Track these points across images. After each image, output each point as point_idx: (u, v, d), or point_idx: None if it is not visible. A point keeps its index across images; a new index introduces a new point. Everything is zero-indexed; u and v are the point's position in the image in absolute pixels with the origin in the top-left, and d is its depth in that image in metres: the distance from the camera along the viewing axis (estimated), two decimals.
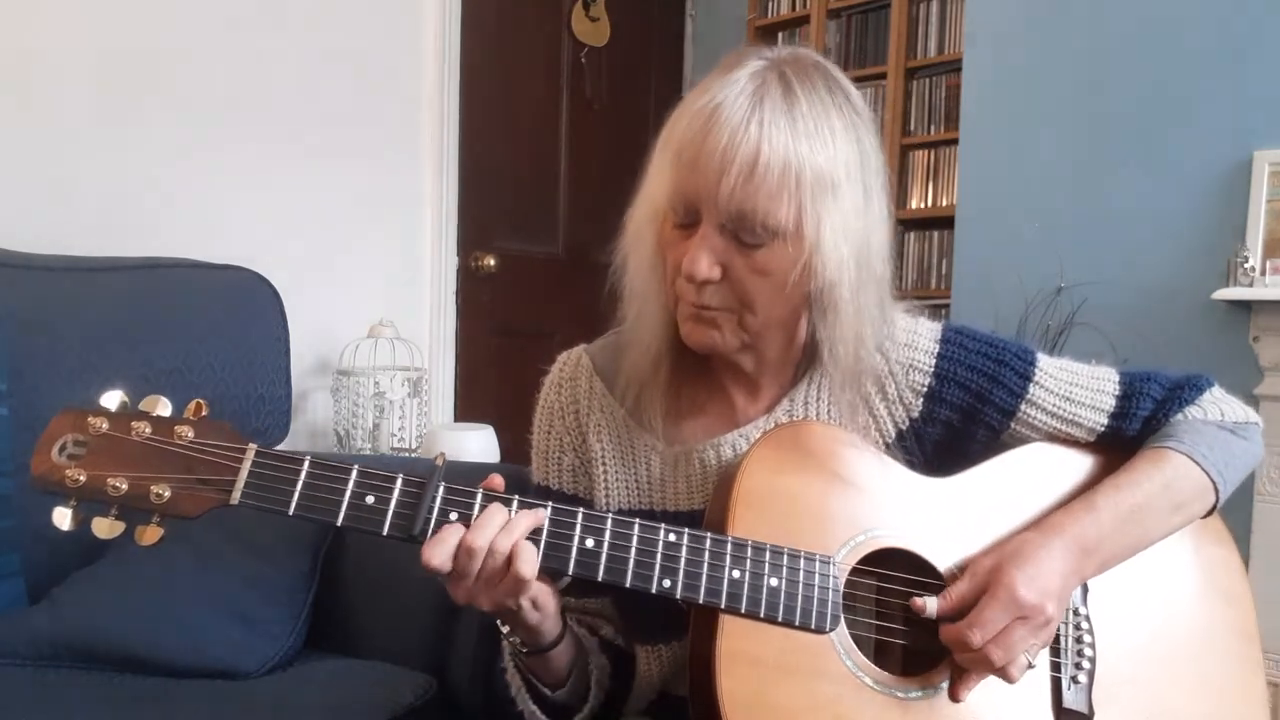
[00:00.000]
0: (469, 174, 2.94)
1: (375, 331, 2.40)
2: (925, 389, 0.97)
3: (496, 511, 0.79)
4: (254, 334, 1.76)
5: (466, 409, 2.97)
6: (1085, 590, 0.95)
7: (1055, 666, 0.92)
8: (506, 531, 0.78)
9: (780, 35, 3.86)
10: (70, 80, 2.01)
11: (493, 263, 3.03)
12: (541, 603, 0.84)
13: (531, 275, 3.22)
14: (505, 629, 0.88)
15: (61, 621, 1.37)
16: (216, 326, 1.71)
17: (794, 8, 3.78)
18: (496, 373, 3.08)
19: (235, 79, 2.29)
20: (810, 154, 0.83)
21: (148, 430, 0.75)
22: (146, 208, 2.14)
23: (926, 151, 3.56)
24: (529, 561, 0.78)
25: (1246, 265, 2.43)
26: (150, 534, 0.75)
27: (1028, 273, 2.79)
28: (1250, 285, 2.44)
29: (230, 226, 2.26)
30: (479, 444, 2.24)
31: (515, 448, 1.00)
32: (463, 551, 0.77)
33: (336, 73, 2.51)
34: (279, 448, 1.81)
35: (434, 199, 2.83)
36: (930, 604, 0.87)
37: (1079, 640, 0.93)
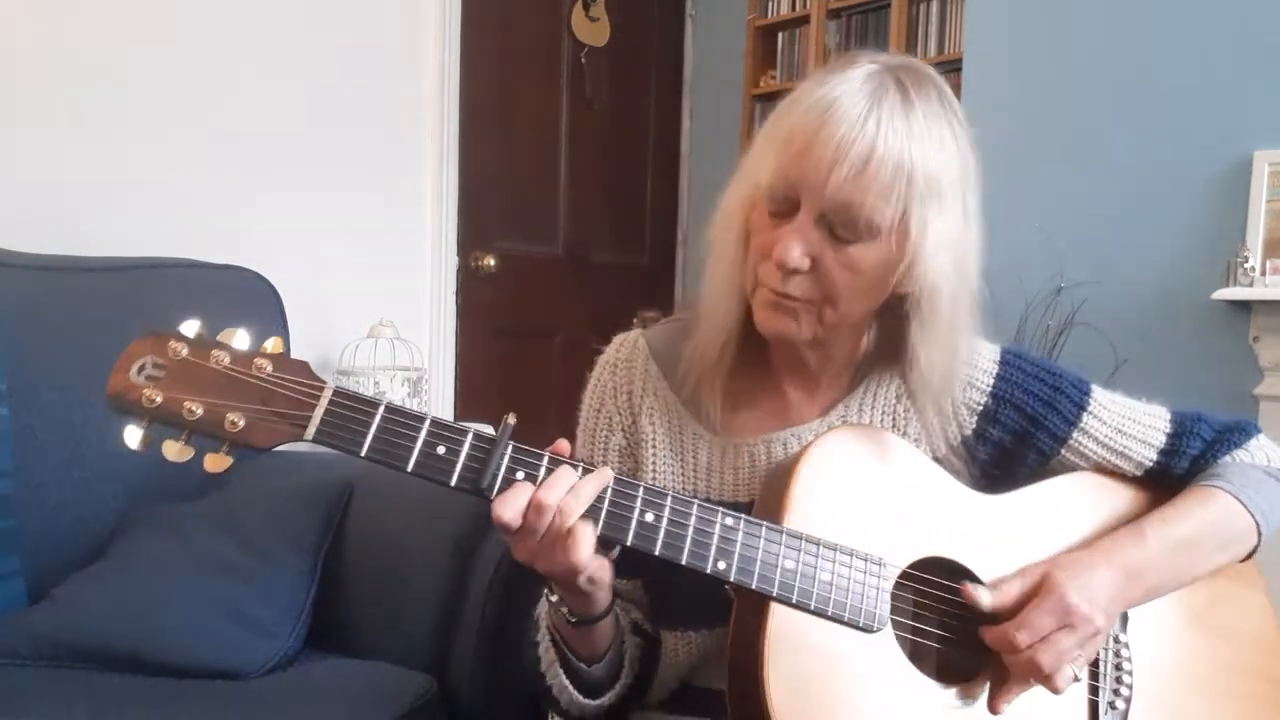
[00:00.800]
0: (469, 174, 2.94)
1: (375, 331, 2.40)
2: (981, 408, 0.99)
3: (565, 473, 0.79)
4: (254, 334, 1.76)
5: (466, 409, 2.97)
6: (1125, 619, 0.96)
7: (1094, 690, 0.93)
8: (573, 494, 0.78)
9: (780, 35, 3.85)
10: (71, 81, 2.01)
11: (493, 263, 3.03)
12: (597, 575, 0.83)
13: (531, 275, 3.22)
14: (554, 598, 0.88)
15: (61, 621, 1.37)
16: (216, 327, 1.70)
17: (794, 8, 3.78)
18: (496, 373, 3.08)
19: (235, 79, 2.29)
20: (923, 158, 0.84)
21: (226, 360, 0.75)
22: (146, 208, 2.14)
23: None
24: (585, 538, 0.79)
25: (1246, 265, 2.43)
26: (219, 461, 0.75)
27: (1028, 273, 2.79)
28: (1250, 285, 2.44)
29: (230, 226, 2.26)
30: None
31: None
32: (532, 509, 0.78)
33: (336, 72, 2.51)
34: (280, 448, 1.82)
35: (434, 199, 2.83)
36: (984, 595, 0.87)
37: (1118, 667, 0.94)
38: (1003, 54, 2.99)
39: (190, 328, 0.76)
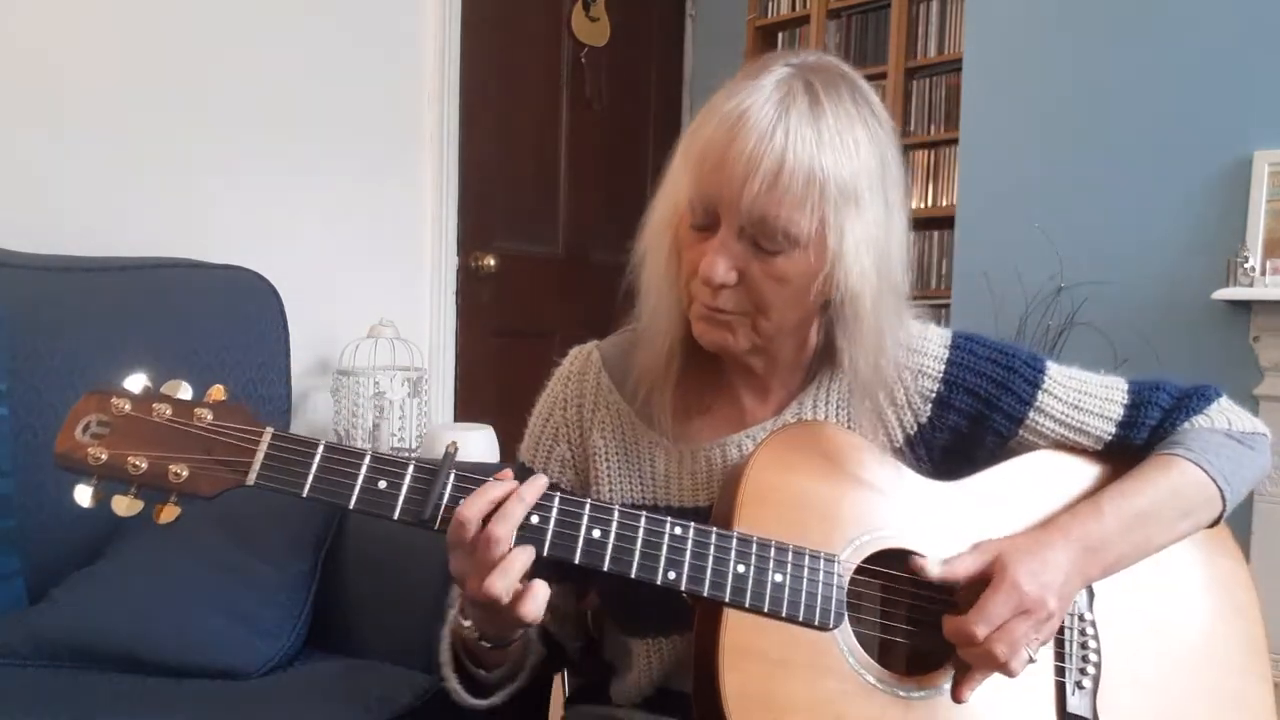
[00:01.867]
0: (469, 174, 2.94)
1: (375, 331, 2.40)
2: (934, 395, 0.98)
3: (489, 488, 0.80)
4: (254, 334, 1.76)
5: (466, 409, 2.97)
6: (1091, 595, 0.95)
7: (1060, 671, 0.92)
8: (516, 497, 0.79)
9: (780, 35, 3.86)
10: (71, 81, 2.01)
11: (493, 263, 3.03)
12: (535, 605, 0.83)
13: (531, 275, 3.22)
14: (467, 623, 0.88)
15: (61, 621, 1.37)
16: (216, 327, 1.71)
17: (794, 8, 3.78)
18: (496, 373, 3.08)
19: (235, 79, 2.29)
20: (834, 166, 0.83)
21: (168, 412, 0.77)
22: (147, 208, 2.14)
23: (926, 151, 3.56)
24: (534, 597, 0.79)
25: (1246, 265, 2.44)
26: (168, 512, 0.78)
27: (1028, 273, 2.79)
28: (1250, 285, 2.44)
29: (230, 226, 2.26)
30: (479, 444, 2.25)
31: (515, 448, 1.00)
32: (456, 523, 0.78)
33: (336, 72, 2.51)
34: None
35: (434, 199, 2.83)
36: (933, 566, 0.87)
37: (1084, 645, 0.93)
38: (1003, 54, 2.99)
39: (135, 382, 0.78)
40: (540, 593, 0.80)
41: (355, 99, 2.57)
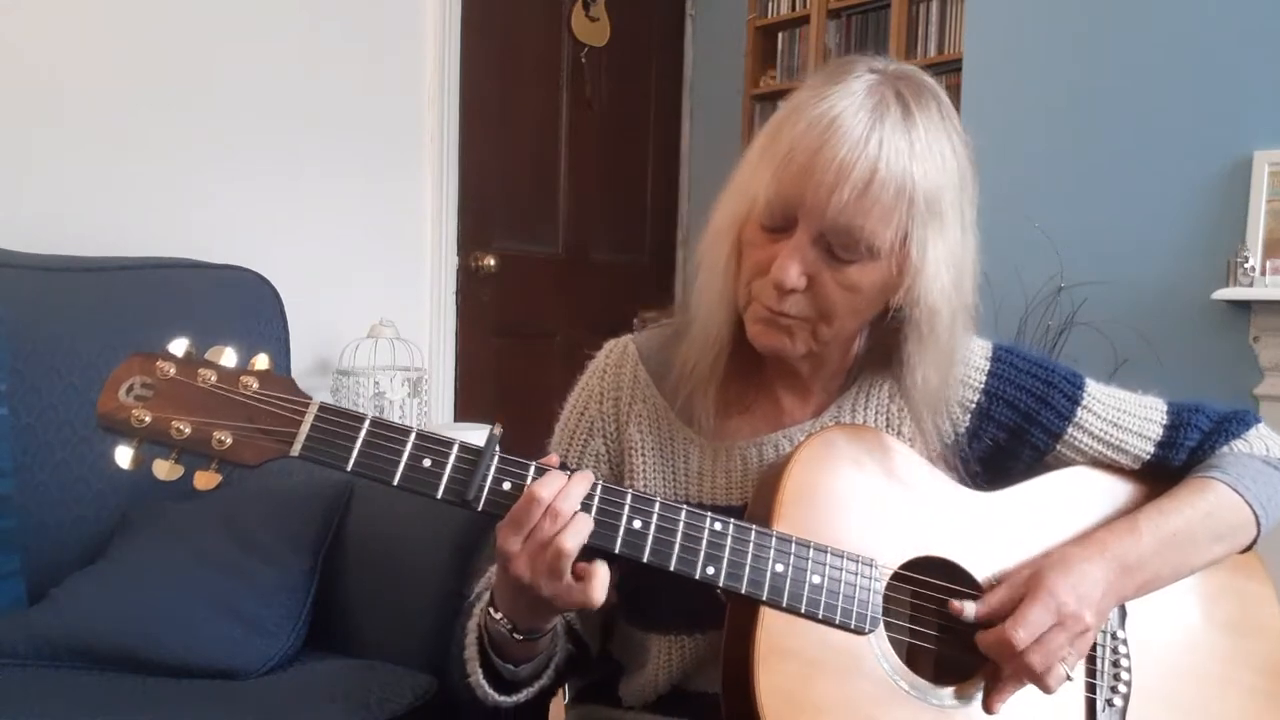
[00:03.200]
0: (469, 174, 2.94)
1: (375, 331, 2.40)
2: (974, 406, 0.98)
3: (555, 475, 0.79)
4: (254, 334, 1.76)
5: (466, 409, 2.97)
6: (1124, 614, 0.95)
7: (1090, 688, 0.92)
8: (564, 494, 0.78)
9: (780, 35, 3.85)
10: (71, 81, 2.01)
11: (493, 263, 3.03)
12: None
13: (531, 275, 3.22)
14: (499, 615, 0.87)
15: (61, 621, 1.37)
16: (216, 327, 1.71)
17: (794, 8, 3.78)
18: (496, 373, 3.08)
19: (235, 79, 2.29)
20: (924, 178, 0.83)
21: (214, 378, 0.76)
22: (147, 208, 2.14)
23: None
24: (578, 532, 0.78)
25: (1246, 265, 2.43)
26: (208, 479, 0.77)
27: (1028, 273, 2.79)
28: (1250, 285, 2.44)
29: (230, 226, 2.26)
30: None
31: (516, 447, 1.00)
32: (524, 501, 0.78)
33: (336, 72, 2.51)
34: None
35: (434, 199, 2.83)
36: (969, 608, 0.87)
37: (1116, 664, 0.94)
38: (1003, 54, 2.99)
39: (179, 346, 0.77)
40: (602, 572, 0.79)
41: (355, 99, 2.57)
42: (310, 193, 2.47)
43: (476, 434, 2.39)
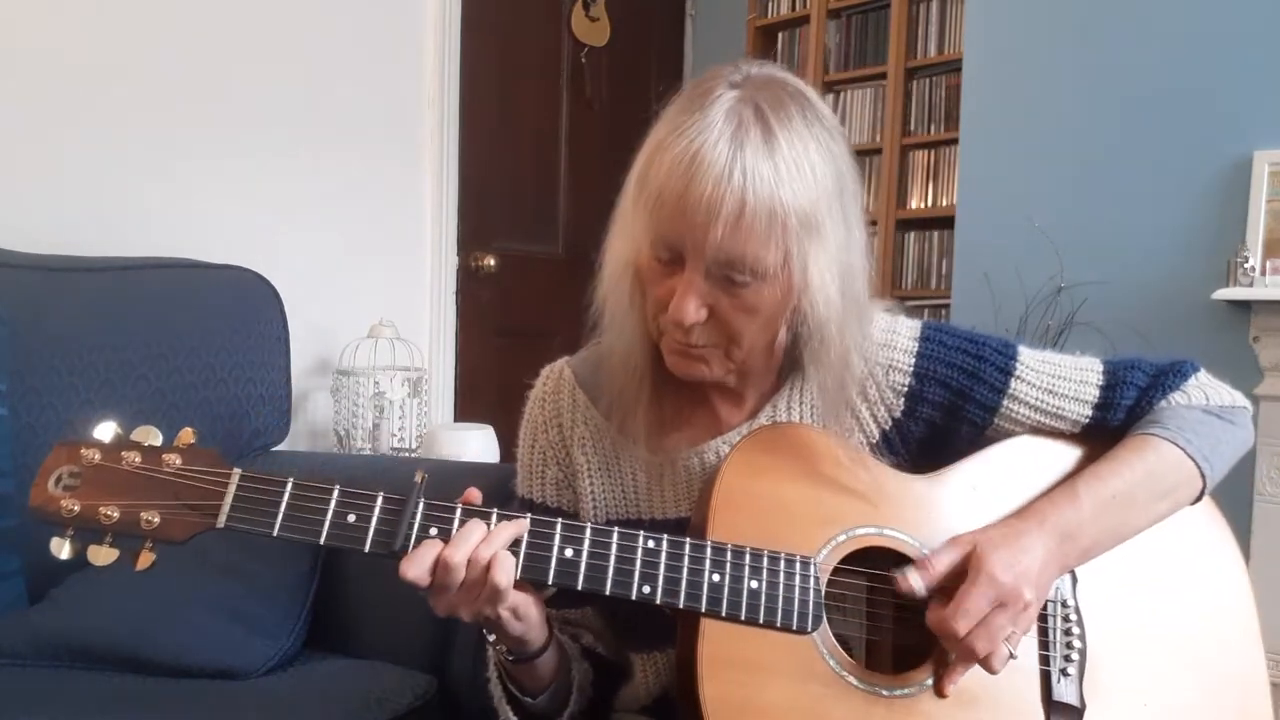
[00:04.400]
0: (469, 174, 2.94)
1: (375, 331, 2.40)
2: (906, 388, 0.98)
3: (475, 527, 0.81)
4: (254, 334, 1.76)
5: (466, 409, 2.97)
6: (1075, 580, 0.94)
7: (1044, 660, 0.92)
8: (486, 543, 0.80)
9: (780, 35, 3.86)
10: (71, 80, 2.01)
11: (493, 263, 3.03)
12: (523, 612, 0.84)
13: (531, 275, 3.22)
14: (491, 638, 0.89)
15: (61, 621, 1.37)
16: (216, 326, 1.71)
17: (794, 8, 3.78)
18: (496, 373, 3.08)
19: (235, 79, 2.29)
20: (794, 198, 0.82)
21: (137, 460, 0.79)
22: (146, 208, 2.14)
23: (926, 151, 3.56)
24: (506, 571, 0.80)
25: (1246, 265, 2.44)
26: (144, 559, 0.79)
27: (1028, 273, 2.79)
28: (1250, 285, 2.44)
29: (230, 226, 2.26)
30: (479, 444, 2.24)
31: (515, 448, 1.01)
32: (440, 566, 0.79)
33: (337, 72, 2.51)
34: (278, 448, 1.82)
35: (434, 199, 2.83)
36: (915, 581, 0.86)
37: (1067, 632, 0.93)
38: (1003, 54, 3.00)
39: (105, 430, 0.79)
40: (505, 561, 0.80)
41: (355, 99, 2.57)
42: (310, 192, 2.47)
43: (476, 434, 2.37)
